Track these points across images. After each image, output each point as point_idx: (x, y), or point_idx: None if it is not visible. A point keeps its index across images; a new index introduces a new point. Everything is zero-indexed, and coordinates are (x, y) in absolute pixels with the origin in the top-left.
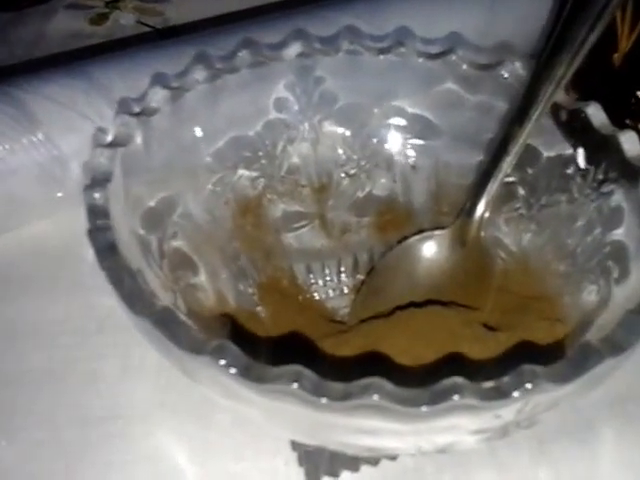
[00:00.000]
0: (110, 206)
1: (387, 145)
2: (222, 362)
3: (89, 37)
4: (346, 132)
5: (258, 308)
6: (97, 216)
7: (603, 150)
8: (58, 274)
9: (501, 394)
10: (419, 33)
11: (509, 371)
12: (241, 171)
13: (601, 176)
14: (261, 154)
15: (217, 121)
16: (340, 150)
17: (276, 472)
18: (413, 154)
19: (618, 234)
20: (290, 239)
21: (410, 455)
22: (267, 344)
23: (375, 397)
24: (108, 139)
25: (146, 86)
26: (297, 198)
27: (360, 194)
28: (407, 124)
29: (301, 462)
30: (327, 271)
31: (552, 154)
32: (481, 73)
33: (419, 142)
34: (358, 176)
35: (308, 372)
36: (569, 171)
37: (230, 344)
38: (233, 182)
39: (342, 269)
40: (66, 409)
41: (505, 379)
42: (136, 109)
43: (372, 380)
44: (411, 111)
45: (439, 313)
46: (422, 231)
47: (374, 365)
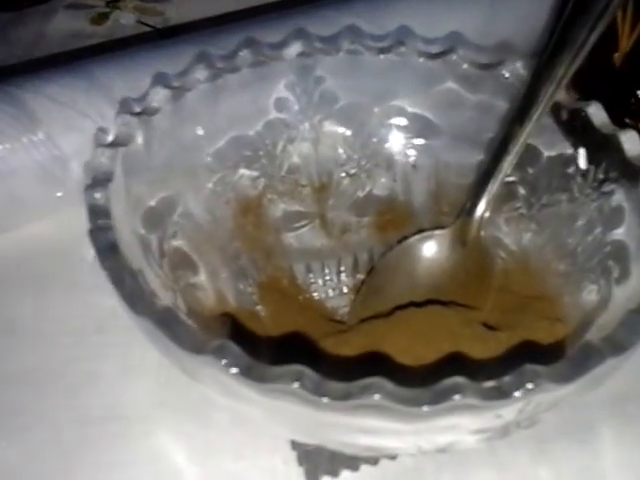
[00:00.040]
0: (111, 206)
1: (387, 145)
2: (223, 362)
3: (89, 37)
4: (346, 132)
5: (258, 307)
6: (98, 216)
7: (604, 149)
8: (58, 274)
9: (502, 394)
10: (419, 33)
11: (510, 371)
12: (241, 171)
13: (602, 176)
14: (261, 154)
15: (218, 121)
16: (340, 150)
17: (275, 471)
18: (413, 154)
19: (619, 234)
20: (290, 239)
21: (410, 455)
22: (268, 344)
23: (376, 397)
24: (109, 139)
25: (146, 85)
26: (297, 198)
27: (360, 194)
28: (407, 124)
29: (301, 461)
30: (327, 271)
31: (553, 153)
32: (482, 72)
33: (419, 142)
34: (358, 176)
35: (309, 372)
36: (570, 170)
37: (231, 344)
38: (233, 182)
39: (342, 269)
40: (66, 409)
41: (506, 379)
42: (137, 109)
43: (373, 380)
44: (411, 111)
45: (439, 313)
46: (422, 231)
47: (375, 365)
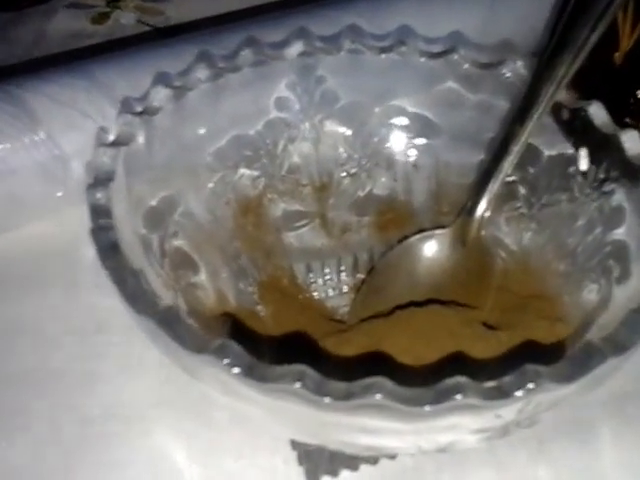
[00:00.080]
0: (112, 205)
1: (388, 144)
2: (225, 361)
3: (90, 36)
4: (347, 131)
5: (258, 307)
6: (100, 215)
7: (604, 149)
8: (58, 273)
9: (503, 394)
10: (420, 32)
11: (511, 371)
12: (242, 170)
13: (602, 175)
14: (262, 153)
15: (219, 120)
16: (341, 149)
17: (275, 471)
18: (414, 153)
19: (619, 233)
20: (290, 238)
21: (409, 454)
22: (268, 343)
23: (378, 396)
24: (111, 138)
25: (147, 85)
26: (298, 197)
27: (361, 193)
28: (408, 123)
29: (301, 461)
30: (327, 270)
31: (553, 153)
32: (482, 72)
33: (420, 141)
34: (359, 175)
35: (311, 371)
36: (570, 170)
37: (233, 343)
38: (234, 181)
39: (342, 268)
40: (66, 408)
41: (507, 379)
42: (138, 108)
43: (375, 379)
44: (412, 110)
45: (439, 312)
46: (422, 230)
47: (376, 364)
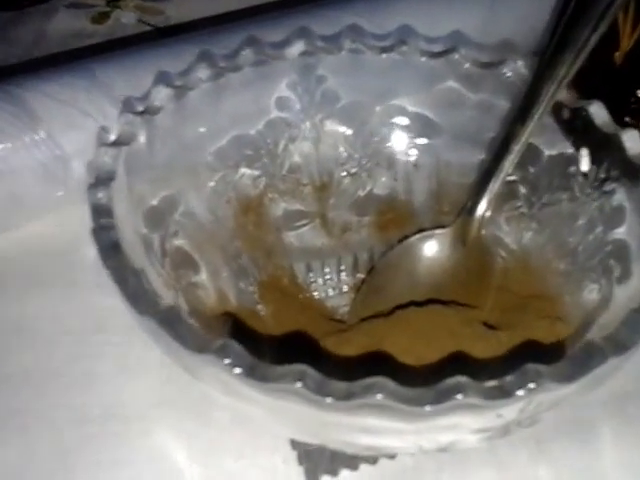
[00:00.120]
0: (114, 205)
1: (388, 144)
2: (226, 361)
3: (90, 36)
4: (347, 131)
5: (258, 306)
6: (101, 215)
7: (605, 149)
8: (58, 273)
9: (505, 393)
10: (421, 32)
11: (512, 370)
12: (243, 170)
13: (603, 175)
14: (263, 153)
15: (219, 120)
16: (341, 149)
17: (275, 470)
18: (414, 153)
19: (620, 233)
20: (291, 238)
21: (409, 454)
22: (269, 343)
23: (379, 396)
24: (112, 138)
25: (147, 84)
26: (298, 197)
27: (361, 193)
28: (409, 123)
29: (301, 461)
30: (327, 270)
31: (553, 153)
32: (483, 71)
33: (420, 141)
34: (359, 175)
35: (312, 371)
36: (570, 170)
37: (234, 343)
38: (235, 181)
39: (342, 268)
40: (66, 408)
41: (509, 378)
42: (140, 108)
43: (376, 379)
44: (413, 110)
45: (439, 312)
46: (423, 230)
47: (376, 364)
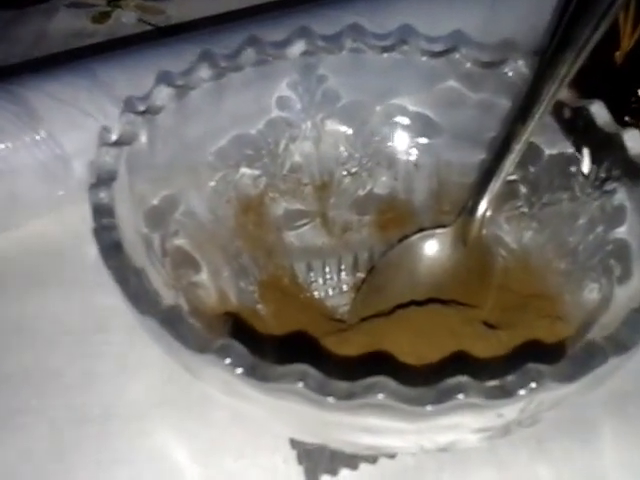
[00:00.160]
0: (115, 205)
1: (389, 143)
2: (228, 361)
3: (91, 36)
4: (348, 130)
5: (259, 306)
6: (102, 215)
7: (606, 148)
8: (58, 272)
9: (506, 393)
10: (421, 31)
11: (512, 370)
12: (243, 169)
13: (603, 174)
14: (263, 152)
15: (220, 119)
16: (342, 148)
17: (275, 470)
18: (415, 152)
19: (620, 232)
20: (291, 237)
21: (409, 453)
22: (269, 342)
23: (380, 396)
24: (113, 138)
25: (148, 83)
26: (299, 196)
27: (361, 192)
28: (409, 122)
29: (300, 460)
30: (327, 269)
31: (554, 152)
32: (484, 71)
33: (421, 140)
34: (359, 174)
35: (313, 371)
36: (571, 169)
37: (235, 343)
38: (235, 180)
39: (342, 267)
40: (66, 408)
41: (510, 378)
42: (141, 107)
43: (377, 379)
44: (413, 109)
45: (440, 311)
46: (423, 230)
47: (377, 364)
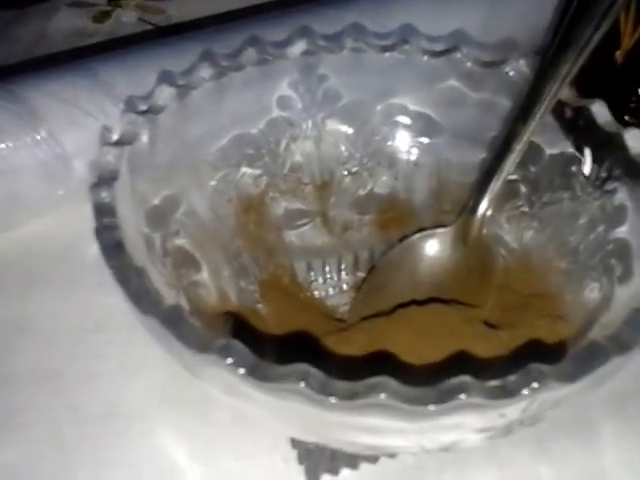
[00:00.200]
0: (116, 204)
1: (389, 143)
2: (229, 361)
3: (91, 35)
4: (349, 130)
5: (259, 305)
6: (104, 215)
7: (607, 148)
8: (59, 272)
9: (508, 393)
10: (422, 31)
11: (514, 370)
12: (244, 169)
13: (604, 174)
14: (264, 152)
15: (221, 119)
16: (342, 148)
17: (275, 470)
18: (415, 152)
19: (621, 232)
20: (292, 237)
21: (410, 453)
22: (270, 342)
23: (382, 396)
24: (115, 137)
25: (149, 83)
26: (299, 196)
27: (362, 192)
28: (410, 122)
29: (301, 460)
30: (327, 269)
31: (555, 151)
32: (485, 70)
33: (422, 140)
34: (360, 174)
35: (315, 371)
36: (572, 169)
37: (237, 343)
38: (236, 180)
39: (343, 267)
40: (66, 407)
41: (512, 378)
42: (142, 107)
43: (379, 379)
44: (414, 109)
45: (440, 311)
46: (424, 229)
47: (379, 363)
